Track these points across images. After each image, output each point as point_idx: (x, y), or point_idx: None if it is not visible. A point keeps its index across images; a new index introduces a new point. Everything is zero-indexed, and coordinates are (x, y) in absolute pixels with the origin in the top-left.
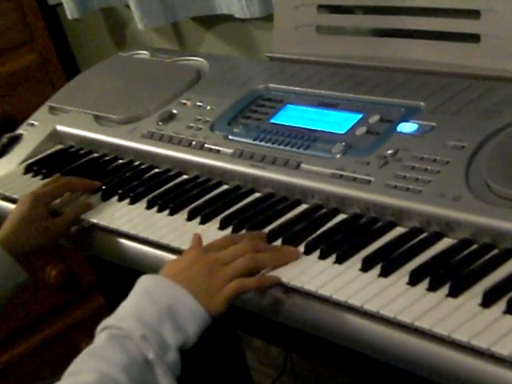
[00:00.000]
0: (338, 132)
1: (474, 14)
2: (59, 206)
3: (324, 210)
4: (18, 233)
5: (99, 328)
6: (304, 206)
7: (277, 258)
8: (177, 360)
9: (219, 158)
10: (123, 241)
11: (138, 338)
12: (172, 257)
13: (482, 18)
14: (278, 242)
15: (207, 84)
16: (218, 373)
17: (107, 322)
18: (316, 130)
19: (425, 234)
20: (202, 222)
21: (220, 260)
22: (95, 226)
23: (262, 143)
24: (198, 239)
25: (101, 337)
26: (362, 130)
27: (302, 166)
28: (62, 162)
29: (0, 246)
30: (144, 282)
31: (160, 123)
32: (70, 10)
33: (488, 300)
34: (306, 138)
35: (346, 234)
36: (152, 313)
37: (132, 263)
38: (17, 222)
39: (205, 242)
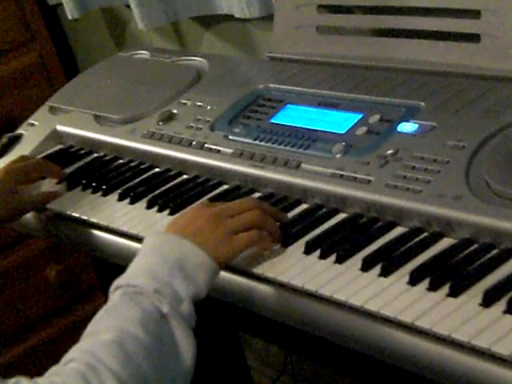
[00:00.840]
0: (338, 132)
1: (474, 13)
2: (30, 189)
3: (324, 210)
4: None
5: (112, 288)
6: (304, 206)
7: (276, 228)
8: (191, 311)
9: (219, 158)
10: (123, 241)
11: (150, 293)
12: None
13: (482, 18)
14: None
15: (207, 84)
16: (218, 373)
17: (119, 281)
18: (316, 130)
19: (425, 234)
20: None
21: (225, 212)
22: (95, 226)
23: (262, 143)
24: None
25: (115, 296)
26: (362, 129)
27: (302, 165)
28: (62, 162)
29: None
30: (151, 241)
31: (160, 123)
32: (70, 10)
33: (488, 300)
34: (306, 138)
35: (346, 234)
36: (162, 268)
37: None
38: None
39: None
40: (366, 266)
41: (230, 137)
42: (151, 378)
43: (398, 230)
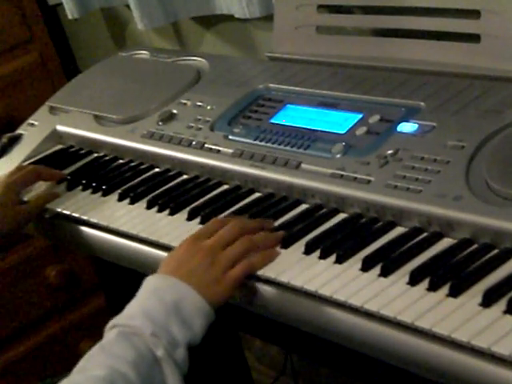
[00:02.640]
0: (338, 132)
1: (474, 13)
2: (26, 194)
3: (324, 210)
4: None
5: (108, 326)
6: (304, 206)
7: (269, 237)
8: (185, 357)
9: (219, 158)
10: (123, 241)
11: (147, 335)
12: None
13: (482, 18)
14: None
15: (207, 84)
16: (218, 373)
17: (116, 320)
18: (316, 130)
19: (425, 234)
20: (202, 222)
21: (216, 246)
22: (95, 226)
23: (262, 143)
24: None
25: (110, 334)
26: (362, 129)
27: (302, 165)
28: (62, 162)
29: None
30: (150, 282)
31: (160, 123)
32: (70, 10)
33: (488, 300)
34: (306, 138)
35: (346, 234)
36: (159, 310)
37: (132, 263)
38: None
39: None
40: (366, 266)
41: (230, 137)
42: None
43: (398, 230)
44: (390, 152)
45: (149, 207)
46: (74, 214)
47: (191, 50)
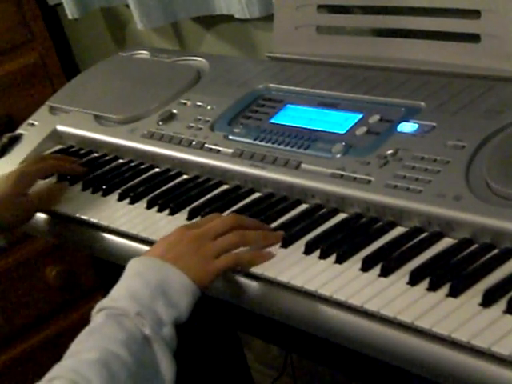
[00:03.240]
0: (338, 132)
1: (474, 13)
2: (33, 188)
3: (324, 210)
4: None
5: (94, 310)
6: (304, 206)
7: (263, 236)
8: (172, 335)
9: (219, 158)
10: (123, 241)
11: (133, 315)
12: None
13: (482, 18)
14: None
15: (207, 84)
16: (219, 373)
17: (102, 303)
18: (316, 130)
19: (425, 234)
20: None
21: (205, 234)
22: (95, 226)
23: (262, 143)
24: None
25: (98, 317)
26: (362, 129)
27: (302, 165)
28: None
29: None
30: (134, 265)
31: (160, 123)
32: (70, 10)
33: (488, 300)
34: (306, 138)
35: (346, 234)
36: (144, 291)
37: None
38: None
39: None
40: (366, 266)
41: (230, 137)
42: None
43: (398, 230)
44: (389, 152)
45: (149, 207)
46: (74, 214)
47: (191, 50)
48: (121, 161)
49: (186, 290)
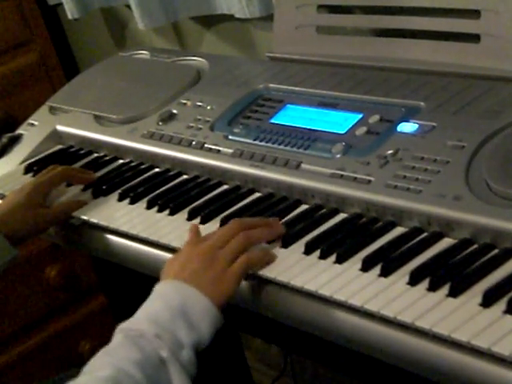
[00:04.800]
0: (338, 132)
1: (474, 13)
2: (53, 198)
3: (324, 210)
4: (10, 216)
5: (116, 331)
6: (304, 206)
7: (267, 231)
8: (191, 359)
9: (219, 158)
10: (123, 241)
11: (151, 337)
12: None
13: (482, 18)
14: (278, 242)
15: (207, 84)
16: (219, 373)
17: (123, 325)
18: (316, 130)
19: (425, 234)
20: (202, 222)
21: (214, 246)
22: (95, 226)
23: (262, 143)
24: (195, 228)
25: (116, 338)
26: (362, 130)
27: (302, 166)
28: (62, 162)
29: None
30: (158, 287)
31: (160, 123)
32: (70, 10)
33: (488, 300)
34: (306, 138)
35: (346, 234)
36: (165, 313)
37: (132, 263)
38: (11, 206)
39: None
40: (366, 266)
41: (230, 137)
42: None
43: (398, 230)
44: (389, 152)
45: (149, 207)
46: (73, 214)
47: (191, 50)
48: (121, 161)
49: (207, 313)
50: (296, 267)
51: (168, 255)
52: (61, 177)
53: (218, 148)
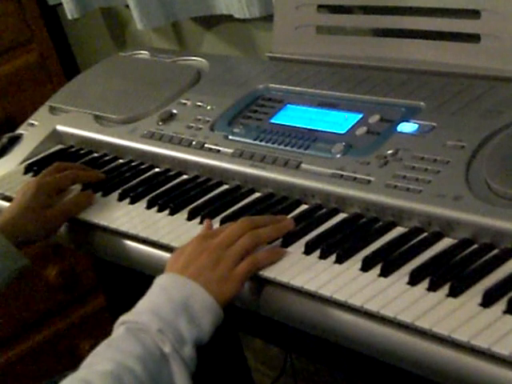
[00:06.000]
0: (338, 132)
1: (474, 13)
2: (58, 199)
3: (324, 210)
4: (17, 220)
5: (117, 324)
6: (304, 206)
7: (275, 229)
8: (192, 355)
9: (219, 158)
10: (123, 241)
11: (154, 332)
12: None
13: (482, 18)
14: (278, 242)
15: (207, 84)
16: (219, 373)
17: (124, 317)
18: (316, 130)
19: (425, 234)
20: (202, 222)
21: (222, 244)
22: (95, 226)
23: (262, 143)
24: (208, 223)
25: (118, 331)
26: (362, 129)
27: (303, 165)
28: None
29: None
30: (159, 280)
31: (160, 123)
32: (69, 10)
33: (488, 300)
34: (306, 138)
35: (346, 234)
36: (167, 308)
37: (132, 263)
38: (17, 210)
39: None
40: (366, 266)
41: (230, 137)
42: None
43: (397, 230)
44: (390, 152)
45: (149, 207)
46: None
47: (191, 50)
48: (121, 161)
49: (209, 309)
50: (296, 267)
51: (168, 255)
52: (71, 179)
53: (218, 148)
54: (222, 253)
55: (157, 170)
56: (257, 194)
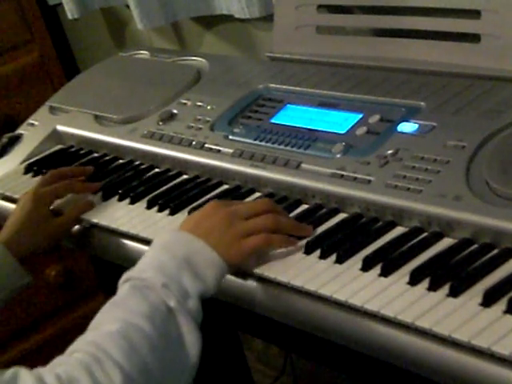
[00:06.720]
0: (339, 132)
1: (473, 13)
2: (60, 206)
3: (324, 210)
4: (20, 234)
5: (121, 280)
6: (304, 206)
7: (295, 226)
8: (198, 307)
9: (219, 158)
10: (123, 241)
11: (159, 287)
12: None
13: (482, 18)
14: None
15: (207, 84)
16: (219, 373)
17: (129, 274)
18: (316, 130)
19: (425, 234)
20: None
21: (238, 213)
22: (95, 226)
23: (263, 143)
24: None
25: (123, 288)
26: (363, 129)
27: (303, 165)
28: (62, 162)
29: (4, 247)
30: (161, 238)
31: (160, 123)
32: (70, 10)
33: (488, 300)
34: (307, 138)
35: (346, 234)
36: (171, 264)
37: (132, 263)
38: (20, 224)
39: None
40: (366, 266)
41: (230, 137)
42: (155, 370)
43: (397, 230)
44: (390, 152)
45: (149, 207)
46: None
47: (191, 50)
48: (121, 161)
49: (212, 263)
50: (296, 267)
51: None
52: (65, 189)
53: (218, 148)
54: (235, 221)
55: (157, 170)
56: (257, 194)
